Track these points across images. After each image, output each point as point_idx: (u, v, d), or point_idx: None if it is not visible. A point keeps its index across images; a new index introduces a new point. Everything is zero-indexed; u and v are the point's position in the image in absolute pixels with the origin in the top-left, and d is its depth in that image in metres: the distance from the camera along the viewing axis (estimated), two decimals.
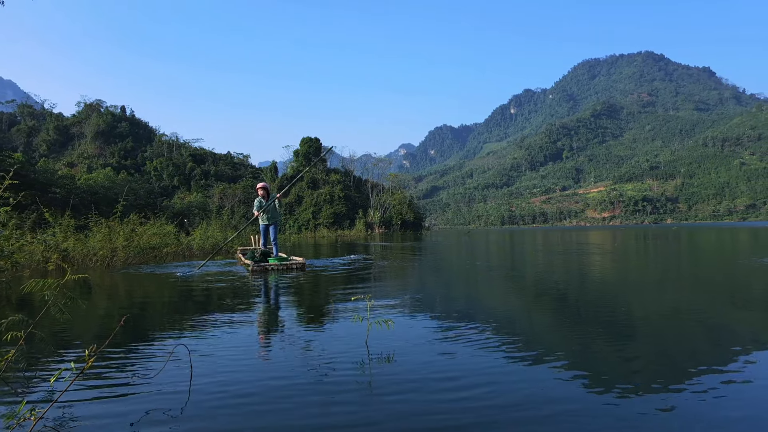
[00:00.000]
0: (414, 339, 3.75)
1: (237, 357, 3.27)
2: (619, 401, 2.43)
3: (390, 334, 3.81)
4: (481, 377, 2.81)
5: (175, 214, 58.33)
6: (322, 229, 74.98)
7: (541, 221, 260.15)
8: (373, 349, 3.42)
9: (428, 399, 2.48)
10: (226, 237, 16.21)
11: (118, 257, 11.34)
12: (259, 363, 3.16)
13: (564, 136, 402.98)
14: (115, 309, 5.44)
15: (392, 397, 2.50)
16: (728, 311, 4.98)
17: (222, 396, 2.54)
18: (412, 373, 2.89)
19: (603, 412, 2.30)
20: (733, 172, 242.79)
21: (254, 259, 9.95)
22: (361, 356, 3.24)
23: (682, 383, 2.67)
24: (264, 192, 10.52)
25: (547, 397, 2.51)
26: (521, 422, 2.20)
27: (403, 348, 3.47)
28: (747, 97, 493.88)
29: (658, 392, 2.54)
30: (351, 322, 4.26)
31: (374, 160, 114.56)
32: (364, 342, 3.59)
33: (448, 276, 8.93)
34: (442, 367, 3.01)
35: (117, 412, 2.34)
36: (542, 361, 3.13)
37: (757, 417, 2.26)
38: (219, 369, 3.00)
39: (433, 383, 2.70)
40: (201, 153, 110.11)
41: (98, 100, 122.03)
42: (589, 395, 2.53)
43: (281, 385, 2.71)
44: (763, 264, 9.86)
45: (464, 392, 2.57)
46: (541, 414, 2.29)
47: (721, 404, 2.39)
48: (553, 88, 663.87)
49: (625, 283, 7.65)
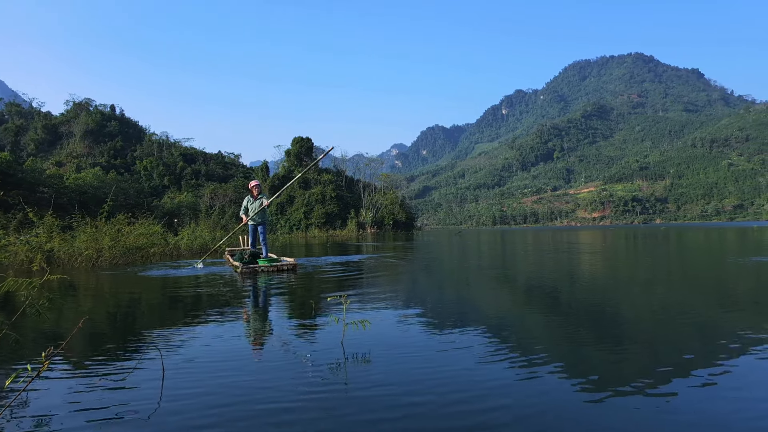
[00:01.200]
0: (395, 338, 3.75)
1: (212, 360, 3.24)
2: (606, 400, 2.44)
3: (369, 334, 3.80)
4: (464, 377, 2.80)
5: (165, 214, 58.02)
6: (314, 229, 74.74)
7: (532, 221, 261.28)
8: (351, 349, 3.42)
9: (406, 401, 2.46)
10: (215, 237, 16.14)
11: (104, 258, 11.22)
12: (234, 366, 3.13)
13: (555, 136, 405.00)
14: (97, 310, 5.38)
15: (364, 396, 2.48)
16: (716, 310, 5.03)
17: (191, 400, 2.50)
18: (389, 374, 2.88)
19: (589, 411, 2.29)
20: (721, 173, 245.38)
21: (243, 261, 9.63)
22: (337, 357, 3.23)
23: (670, 382, 2.69)
24: (257, 190, 10.30)
25: (532, 397, 2.51)
26: (505, 422, 2.19)
27: (379, 348, 3.46)
28: (735, 98, 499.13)
29: (647, 392, 2.55)
30: (332, 324, 4.22)
31: (366, 160, 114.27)
32: (341, 342, 3.59)
33: (437, 276, 8.93)
34: (421, 367, 3.00)
35: (84, 415, 2.30)
36: (528, 361, 3.13)
37: (744, 415, 2.27)
38: (192, 372, 2.96)
39: (413, 384, 2.70)
40: (191, 152, 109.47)
41: (87, 99, 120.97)
42: (575, 394, 2.54)
43: (254, 388, 2.69)
44: (749, 263, 9.98)
45: (453, 396, 2.55)
46: (524, 414, 2.28)
47: (709, 403, 2.40)
48: (544, 89, 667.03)
49: (614, 282, 7.70)
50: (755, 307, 5.12)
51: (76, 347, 3.61)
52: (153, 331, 4.20)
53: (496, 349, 3.40)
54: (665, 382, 2.69)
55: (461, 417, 2.23)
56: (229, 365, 3.10)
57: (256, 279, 8.07)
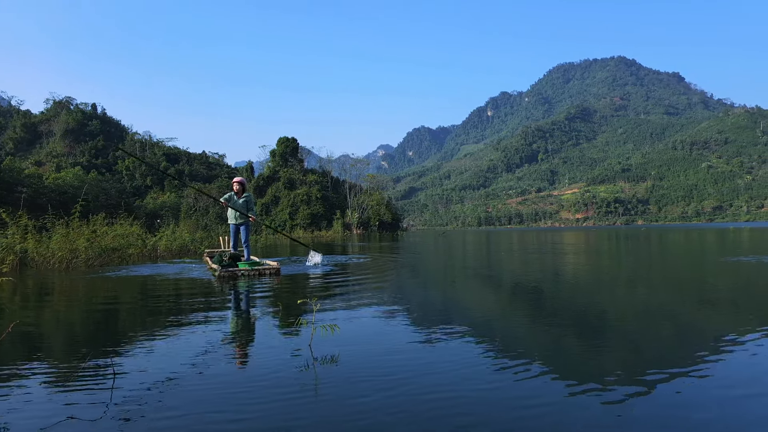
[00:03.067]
0: (371, 340, 3.68)
1: (167, 366, 3.08)
2: (589, 399, 2.44)
3: (344, 336, 3.73)
4: (442, 379, 2.74)
5: (147, 214, 57.22)
6: (299, 230, 74.32)
7: (516, 222, 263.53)
8: (322, 352, 3.33)
9: (375, 404, 2.39)
10: (195, 238, 15.91)
11: (79, 259, 10.93)
12: (189, 372, 2.99)
13: (539, 138, 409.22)
14: (69, 315, 5.20)
15: (332, 397, 2.41)
16: (695, 309, 5.09)
17: (142, 406, 2.41)
18: (366, 376, 2.80)
19: (573, 410, 2.29)
20: (700, 175, 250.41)
21: (221, 264, 8.90)
22: (306, 360, 3.16)
23: (652, 380, 2.71)
24: (240, 187, 9.54)
25: (513, 396, 2.48)
26: (487, 422, 2.17)
27: (349, 351, 3.41)
28: (714, 102, 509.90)
29: (629, 391, 2.55)
30: (303, 327, 4.09)
31: (352, 160, 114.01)
32: (309, 345, 3.52)
33: (421, 277, 8.84)
34: (394, 368, 2.92)
35: (24, 423, 2.21)
36: (511, 361, 3.10)
37: (723, 412, 2.29)
38: (146, 379, 2.83)
39: (383, 387, 2.61)
40: (175, 152, 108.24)
41: (68, 98, 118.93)
42: (558, 393, 2.52)
43: (212, 393, 2.58)
44: (728, 262, 10.13)
45: (430, 394, 2.51)
46: (506, 415, 2.25)
47: (689, 400, 2.42)
48: (529, 91, 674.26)
49: (596, 282, 7.71)
50: (733, 306, 5.18)
51: (14, 353, 3.48)
52: (114, 339, 4.01)
53: (477, 350, 3.35)
54: (646, 381, 2.70)
55: (435, 421, 2.16)
56: (186, 371, 2.97)
57: (235, 284, 7.51)
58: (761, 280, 7.43)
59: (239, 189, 9.57)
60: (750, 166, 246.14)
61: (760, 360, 3.09)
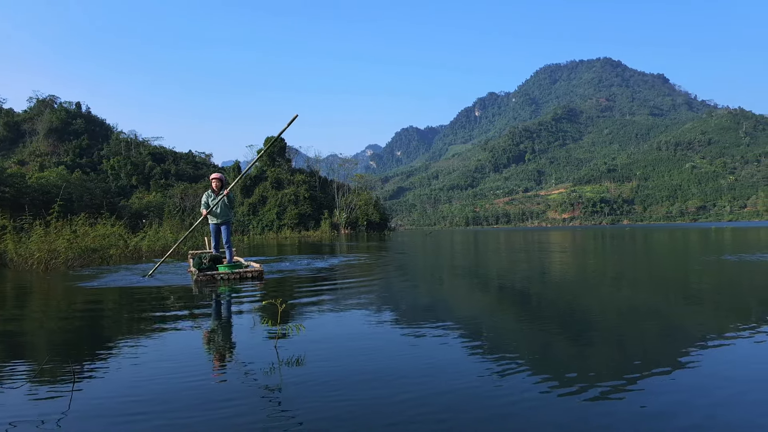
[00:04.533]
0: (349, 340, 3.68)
1: (129, 376, 2.96)
2: (570, 398, 2.44)
3: (321, 337, 3.72)
4: (423, 376, 2.73)
5: (133, 214, 56.53)
6: (286, 230, 73.97)
7: (504, 222, 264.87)
8: (289, 353, 3.31)
9: (341, 404, 2.38)
10: (177, 238, 15.66)
11: (58, 260, 10.75)
12: (152, 374, 2.96)
13: (526, 138, 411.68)
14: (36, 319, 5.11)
15: (301, 399, 2.39)
16: (678, 307, 5.18)
17: (103, 408, 2.38)
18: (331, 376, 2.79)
19: (554, 409, 2.29)
20: (684, 175, 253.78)
21: (200, 267, 8.24)
22: (272, 360, 3.15)
23: (636, 379, 2.73)
24: (218, 184, 8.98)
25: (495, 396, 2.48)
26: (471, 421, 2.16)
27: (319, 349, 3.40)
28: (698, 103, 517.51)
29: (612, 389, 2.56)
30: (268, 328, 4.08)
31: (340, 160, 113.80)
32: (274, 346, 3.49)
33: (408, 277, 8.83)
34: (367, 366, 2.92)
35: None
36: (495, 359, 3.11)
37: (707, 412, 2.29)
38: (108, 383, 2.79)
39: (350, 385, 2.61)
40: (161, 151, 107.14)
41: (52, 96, 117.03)
42: (540, 392, 2.52)
43: (179, 395, 2.55)
44: (709, 261, 10.27)
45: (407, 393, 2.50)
46: (485, 414, 2.24)
47: (671, 397, 2.44)
48: (516, 92, 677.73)
49: (581, 281, 7.80)
50: (715, 305, 5.29)
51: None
52: (78, 345, 3.92)
53: (458, 348, 3.35)
54: (630, 378, 2.73)
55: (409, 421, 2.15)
56: (148, 376, 2.90)
57: (215, 288, 7.01)
58: (742, 278, 7.62)
59: (218, 186, 9.00)
60: (733, 167, 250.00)
61: (742, 359, 3.14)
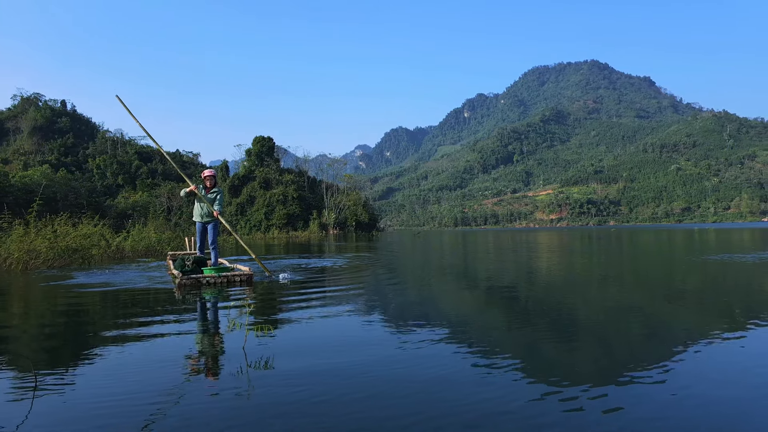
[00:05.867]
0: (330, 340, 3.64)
1: (94, 383, 2.84)
2: (555, 398, 2.44)
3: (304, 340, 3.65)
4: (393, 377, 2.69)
5: (119, 214, 55.88)
6: (274, 230, 73.54)
7: (492, 222, 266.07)
8: (259, 355, 3.28)
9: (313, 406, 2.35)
10: (161, 239, 15.47)
11: (38, 260, 10.55)
12: (116, 386, 2.87)
13: (515, 140, 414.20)
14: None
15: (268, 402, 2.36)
16: (664, 306, 5.22)
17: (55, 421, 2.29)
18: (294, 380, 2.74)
19: (543, 409, 2.28)
20: (670, 177, 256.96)
21: (183, 270, 7.74)
22: (240, 365, 3.10)
23: (621, 377, 2.76)
24: (212, 181, 8.53)
25: (482, 397, 2.47)
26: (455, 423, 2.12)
27: (290, 354, 3.36)
28: (684, 106, 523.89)
29: (597, 389, 2.57)
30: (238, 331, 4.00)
31: (329, 160, 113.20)
32: (242, 348, 3.46)
33: (395, 278, 8.78)
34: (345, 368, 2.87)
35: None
36: (482, 359, 3.10)
37: (688, 407, 2.33)
38: (71, 391, 2.70)
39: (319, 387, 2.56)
40: (148, 151, 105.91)
41: (36, 94, 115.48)
42: (524, 392, 2.51)
43: (139, 399, 2.50)
44: (692, 261, 10.38)
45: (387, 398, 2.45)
46: (466, 417, 2.20)
47: (655, 396, 2.45)
48: (505, 93, 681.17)
49: (568, 281, 7.85)
50: (698, 304, 5.37)
51: None
52: (42, 353, 3.81)
53: (448, 348, 3.32)
54: (615, 380, 2.73)
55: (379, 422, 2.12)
56: (113, 383, 2.80)
57: (200, 293, 6.47)
58: (726, 278, 7.76)
59: (211, 182, 8.55)
60: (717, 169, 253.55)
61: (725, 358, 3.17)
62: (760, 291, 6.31)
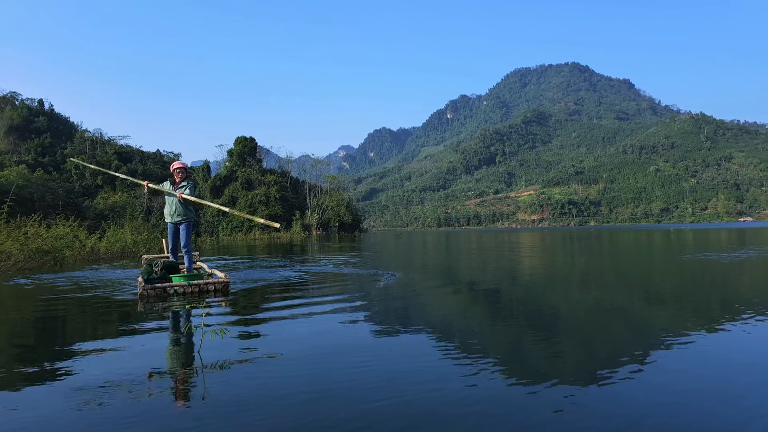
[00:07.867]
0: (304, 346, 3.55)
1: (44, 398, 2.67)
2: (535, 396, 2.45)
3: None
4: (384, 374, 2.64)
5: (98, 215, 54.80)
6: (256, 231, 72.90)
7: (475, 223, 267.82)
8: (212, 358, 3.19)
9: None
10: (137, 240, 15.13)
11: (8, 262, 10.22)
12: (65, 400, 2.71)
13: (497, 141, 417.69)
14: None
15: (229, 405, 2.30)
16: (644, 305, 5.30)
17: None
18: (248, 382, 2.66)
19: (527, 408, 2.28)
20: (649, 178, 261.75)
21: (149, 277, 6.58)
22: (195, 368, 3.02)
23: (603, 375, 2.78)
24: (182, 174, 7.46)
25: (466, 396, 2.46)
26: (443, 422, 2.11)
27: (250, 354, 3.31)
28: (662, 108, 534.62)
29: (582, 386, 2.59)
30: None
31: (313, 161, 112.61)
32: (198, 352, 3.37)
33: (376, 280, 8.68)
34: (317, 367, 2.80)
35: None
36: (465, 359, 3.08)
37: (669, 403, 2.35)
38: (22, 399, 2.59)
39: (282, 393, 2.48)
40: (127, 151, 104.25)
41: (13, 93, 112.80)
42: (505, 391, 2.52)
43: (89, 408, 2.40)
44: (673, 261, 10.50)
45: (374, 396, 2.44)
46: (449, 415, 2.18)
47: (637, 393, 2.48)
48: (488, 95, 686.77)
49: (549, 280, 7.88)
50: (677, 302, 5.42)
51: None
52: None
53: (432, 349, 3.27)
54: (595, 378, 2.74)
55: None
56: (63, 405, 2.55)
57: (164, 305, 5.63)
58: (704, 277, 7.90)
59: (182, 175, 7.48)
60: (694, 170, 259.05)
61: (705, 353, 3.20)
62: (735, 289, 6.42)
